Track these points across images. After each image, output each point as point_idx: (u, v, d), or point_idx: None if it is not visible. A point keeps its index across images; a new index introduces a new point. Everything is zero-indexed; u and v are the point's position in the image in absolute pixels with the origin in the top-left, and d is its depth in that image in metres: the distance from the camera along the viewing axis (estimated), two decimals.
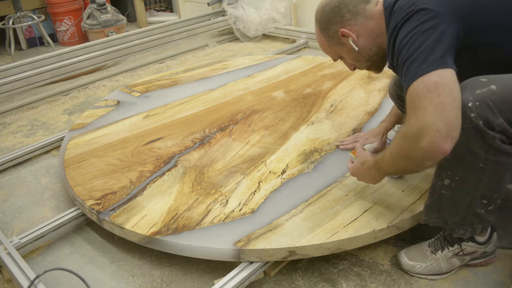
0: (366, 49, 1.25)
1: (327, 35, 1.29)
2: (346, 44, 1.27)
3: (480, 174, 1.04)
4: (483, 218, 1.12)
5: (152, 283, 1.32)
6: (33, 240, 1.46)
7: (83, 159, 1.79)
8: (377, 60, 1.28)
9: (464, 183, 1.08)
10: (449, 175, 1.08)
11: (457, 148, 0.98)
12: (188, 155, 1.76)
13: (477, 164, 1.03)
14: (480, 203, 1.09)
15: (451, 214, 1.14)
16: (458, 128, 0.93)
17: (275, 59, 2.83)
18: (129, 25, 4.59)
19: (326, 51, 1.36)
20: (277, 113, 2.07)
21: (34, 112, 2.63)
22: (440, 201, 1.15)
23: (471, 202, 1.09)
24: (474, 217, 1.12)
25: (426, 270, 1.25)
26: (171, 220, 1.38)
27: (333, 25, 1.25)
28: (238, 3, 3.78)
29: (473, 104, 0.97)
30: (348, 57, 1.31)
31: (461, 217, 1.13)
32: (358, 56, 1.28)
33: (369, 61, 1.28)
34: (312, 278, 1.29)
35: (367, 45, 1.25)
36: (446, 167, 1.08)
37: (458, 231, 1.15)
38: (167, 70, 3.12)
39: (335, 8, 1.24)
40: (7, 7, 3.91)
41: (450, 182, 1.09)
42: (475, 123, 0.98)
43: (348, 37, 1.24)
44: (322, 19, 1.28)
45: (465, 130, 0.98)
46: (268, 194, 1.48)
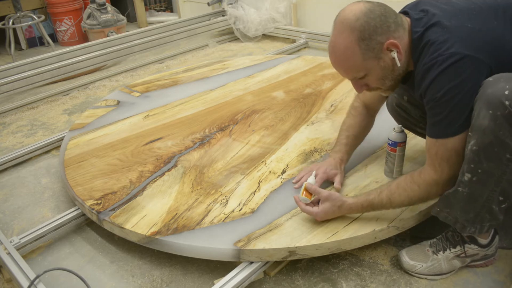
0: (402, 66, 1.15)
1: (366, 47, 1.09)
2: (384, 59, 1.12)
3: (505, 166, 1.03)
4: (495, 215, 1.11)
5: (152, 283, 1.32)
6: (33, 240, 1.46)
7: (83, 159, 1.79)
8: (400, 80, 1.20)
9: (486, 176, 1.06)
10: (472, 168, 1.06)
11: (486, 137, 1.00)
12: (188, 155, 1.76)
13: (504, 155, 1.01)
14: (497, 199, 1.09)
15: (465, 211, 1.13)
16: None
17: (275, 59, 2.83)
18: (129, 25, 4.58)
19: (353, 68, 1.14)
20: (277, 113, 2.07)
21: (34, 112, 2.63)
22: (455, 197, 1.13)
23: (490, 197, 1.08)
24: (487, 213, 1.11)
25: (427, 270, 1.25)
26: (171, 220, 1.38)
27: (379, 35, 1.08)
28: (238, 3, 3.78)
29: (509, 92, 0.97)
30: (377, 75, 1.15)
31: (475, 214, 1.12)
32: (389, 74, 1.15)
33: (395, 80, 1.18)
34: (312, 278, 1.29)
35: (405, 62, 1.14)
36: (471, 159, 1.06)
37: (469, 229, 1.15)
38: (167, 70, 3.12)
39: (381, 16, 1.09)
40: (7, 7, 3.91)
41: (472, 176, 1.07)
42: (509, 110, 0.97)
43: (393, 51, 1.11)
44: (366, 27, 1.08)
45: (497, 117, 0.98)
46: (268, 194, 1.48)
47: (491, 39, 1.05)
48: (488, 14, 1.08)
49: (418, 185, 1.16)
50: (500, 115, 0.98)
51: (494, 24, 1.06)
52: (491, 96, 0.99)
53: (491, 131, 1.00)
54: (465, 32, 1.05)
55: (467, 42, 1.03)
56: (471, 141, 1.04)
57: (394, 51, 1.10)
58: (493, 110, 0.99)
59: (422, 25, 1.10)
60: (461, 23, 1.06)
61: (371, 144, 1.73)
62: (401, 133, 1.43)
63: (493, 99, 0.99)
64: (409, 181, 1.18)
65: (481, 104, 1.02)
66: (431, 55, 1.06)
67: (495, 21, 1.07)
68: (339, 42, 1.12)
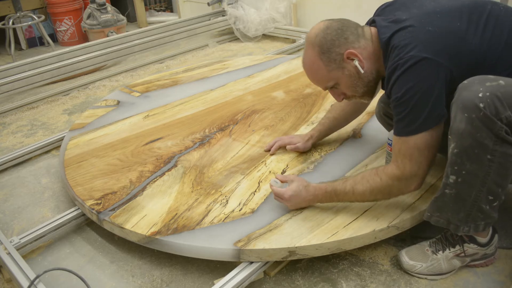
0: (368, 73, 1.23)
1: (328, 59, 1.21)
2: (348, 68, 1.22)
3: (488, 167, 1.04)
4: (487, 214, 1.12)
5: (152, 283, 1.32)
6: (33, 240, 1.46)
7: (83, 159, 1.79)
8: (373, 86, 1.27)
9: (471, 177, 1.07)
10: (456, 170, 1.07)
11: (464, 140, 1.02)
12: (188, 155, 1.76)
13: (485, 156, 1.03)
14: (485, 199, 1.09)
15: (455, 211, 1.13)
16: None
17: (275, 59, 2.83)
18: (129, 25, 4.58)
19: (321, 79, 1.27)
20: (277, 113, 2.07)
21: (34, 112, 2.63)
22: (443, 200, 1.14)
23: (477, 197, 1.09)
24: (478, 212, 1.12)
25: (427, 270, 1.25)
26: (171, 220, 1.38)
27: (336, 47, 1.20)
28: (238, 3, 3.79)
29: (483, 94, 1.00)
30: (345, 83, 1.25)
31: (466, 213, 1.12)
32: (357, 81, 1.24)
33: (367, 86, 1.26)
34: (312, 278, 1.29)
35: (369, 68, 1.22)
36: (454, 161, 1.07)
37: (463, 229, 1.15)
38: (167, 70, 3.12)
39: (338, 30, 1.21)
40: (7, 7, 3.91)
41: (456, 178, 1.08)
42: (483, 112, 0.99)
43: (353, 60, 1.20)
44: (323, 42, 1.21)
45: (473, 120, 1.00)
46: (268, 194, 1.48)
47: (453, 42, 1.09)
48: (453, 17, 1.13)
49: (380, 178, 1.20)
50: (476, 117, 1.00)
51: (457, 26, 1.11)
52: (466, 99, 1.02)
53: (468, 134, 1.02)
54: (427, 35, 1.10)
55: (427, 45, 1.09)
56: (452, 144, 1.07)
57: (355, 59, 1.20)
58: (468, 113, 1.01)
59: (389, 31, 1.16)
60: (425, 26, 1.12)
61: (371, 144, 1.73)
62: None
63: (468, 102, 1.01)
64: (374, 173, 1.22)
65: (457, 108, 1.04)
66: (393, 59, 1.13)
67: (459, 23, 1.11)
68: (306, 58, 1.27)
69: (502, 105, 0.99)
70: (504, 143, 1.01)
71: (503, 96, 0.99)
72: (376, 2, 1.42)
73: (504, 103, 0.99)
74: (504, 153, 1.02)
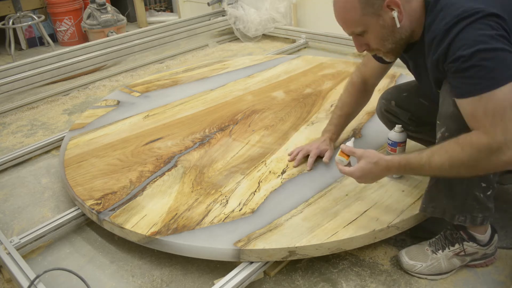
0: (403, 29, 1.11)
1: (366, 1, 1.08)
2: (384, 17, 1.09)
3: None
4: (483, 203, 1.11)
5: (152, 283, 1.32)
6: (33, 240, 1.46)
7: (83, 159, 1.79)
8: (402, 46, 1.16)
9: None
10: None
11: (453, 124, 1.02)
12: (188, 155, 1.76)
13: None
14: (479, 186, 1.09)
15: (450, 198, 1.13)
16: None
17: (275, 59, 2.83)
18: (129, 25, 4.58)
19: (351, 21, 1.13)
20: (277, 113, 2.07)
21: (34, 112, 2.63)
22: (437, 188, 1.14)
23: (470, 183, 1.09)
24: (474, 201, 1.11)
25: (427, 270, 1.25)
26: (171, 220, 1.38)
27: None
28: (238, 3, 3.78)
29: None
30: (376, 33, 1.12)
31: (460, 201, 1.12)
32: (389, 35, 1.12)
33: (396, 44, 1.15)
34: (312, 278, 1.29)
35: (406, 25, 1.11)
36: None
37: (458, 218, 1.15)
38: (167, 70, 3.12)
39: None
40: (7, 7, 3.91)
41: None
42: None
43: (393, 10, 1.08)
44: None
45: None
46: (268, 194, 1.48)
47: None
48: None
49: (461, 147, 0.99)
50: None
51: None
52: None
53: (456, 117, 1.01)
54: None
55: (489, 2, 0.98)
56: (442, 128, 1.05)
57: (395, 10, 1.08)
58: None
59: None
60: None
61: (371, 144, 1.73)
62: (401, 133, 1.43)
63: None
64: (453, 142, 1.02)
65: (445, 93, 1.03)
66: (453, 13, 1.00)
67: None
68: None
69: None
70: None
71: None
72: None
73: None
74: None
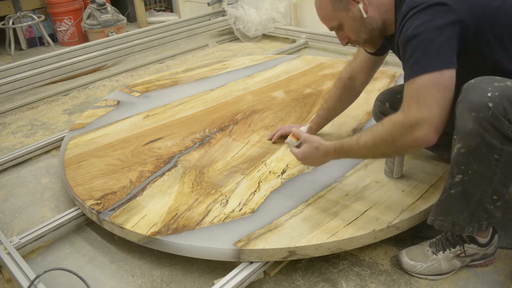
0: (372, 20, 1.21)
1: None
2: (353, 10, 1.20)
3: (494, 167, 1.03)
4: (491, 214, 1.11)
5: (152, 283, 1.32)
6: (33, 240, 1.46)
7: (83, 159, 1.79)
8: (377, 36, 1.26)
9: (477, 177, 1.06)
10: (463, 170, 1.07)
11: (471, 140, 1.01)
12: (188, 155, 1.76)
13: (492, 156, 1.02)
14: (490, 199, 1.09)
15: (460, 211, 1.13)
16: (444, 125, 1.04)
17: (275, 59, 2.83)
18: (129, 25, 4.58)
19: (326, 17, 1.27)
20: (277, 113, 2.07)
21: (34, 112, 2.63)
22: (449, 202, 1.13)
23: (482, 197, 1.09)
24: (482, 212, 1.11)
25: (427, 271, 1.25)
26: (171, 220, 1.38)
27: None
28: (238, 3, 3.78)
29: (492, 94, 0.99)
30: (349, 26, 1.24)
31: (470, 212, 1.12)
32: (361, 26, 1.22)
33: (370, 34, 1.24)
34: (312, 278, 1.29)
35: (374, 15, 1.21)
36: (460, 161, 1.06)
37: (468, 229, 1.14)
38: (167, 70, 3.12)
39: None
40: (7, 7, 3.91)
41: (463, 176, 1.07)
42: (492, 111, 0.98)
43: (359, 3, 1.19)
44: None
45: (481, 119, 0.99)
46: (268, 194, 1.48)
47: (479, 6, 1.06)
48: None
49: (382, 124, 1.11)
50: (483, 116, 0.99)
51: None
52: (474, 98, 1.01)
53: (476, 133, 1.01)
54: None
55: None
56: (458, 144, 1.05)
57: (360, 3, 1.19)
58: (476, 113, 1.00)
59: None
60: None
61: None
62: None
63: (476, 101, 1.00)
64: (379, 122, 1.14)
65: (464, 107, 1.03)
66: (409, 4, 1.09)
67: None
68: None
69: (510, 106, 0.98)
70: (511, 143, 1.01)
71: (511, 96, 0.98)
72: None
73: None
74: (511, 152, 1.02)
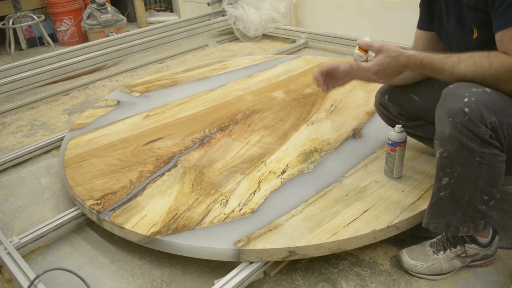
0: None
1: None
2: None
3: (478, 169, 1.05)
4: (485, 214, 1.12)
5: (152, 283, 1.32)
6: (33, 240, 1.46)
7: (83, 159, 1.79)
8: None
9: (463, 180, 1.08)
10: (448, 172, 1.09)
11: (451, 145, 1.03)
12: (188, 155, 1.76)
13: (473, 158, 1.04)
14: (480, 199, 1.09)
15: (452, 212, 1.13)
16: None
17: (275, 59, 2.83)
18: (129, 25, 4.58)
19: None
20: (277, 113, 2.07)
21: (34, 112, 2.63)
22: (439, 205, 1.15)
23: (471, 198, 1.10)
24: (475, 212, 1.12)
25: (427, 270, 1.25)
26: (171, 220, 1.38)
27: None
28: (238, 3, 3.78)
29: (468, 99, 1.00)
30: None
31: (462, 213, 1.13)
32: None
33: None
34: (312, 278, 1.29)
35: None
36: (444, 165, 1.08)
37: (462, 229, 1.15)
38: (167, 70, 3.12)
39: None
40: (7, 7, 3.91)
41: (450, 179, 1.09)
42: (468, 116, 1.00)
43: None
44: None
45: (457, 124, 1.01)
46: (268, 194, 1.48)
47: None
48: None
49: (490, 63, 1.03)
50: (460, 122, 1.01)
51: None
52: (451, 104, 1.02)
53: (454, 138, 1.03)
54: None
55: None
56: (440, 148, 1.07)
57: None
58: (452, 118, 1.02)
59: None
60: None
61: (371, 144, 1.73)
62: (401, 133, 1.43)
63: (453, 106, 1.02)
64: (484, 56, 1.04)
65: (442, 113, 1.04)
66: None
67: None
68: None
69: (487, 111, 1.00)
70: (491, 146, 1.02)
71: (488, 102, 1.00)
72: (376, 2, 1.41)
73: (489, 109, 1.00)
74: (492, 154, 1.03)
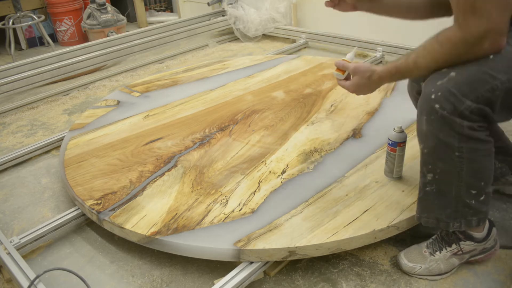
0: None
1: None
2: None
3: (459, 163, 1.05)
4: (476, 209, 1.12)
5: (152, 283, 1.32)
6: (33, 240, 1.46)
7: (83, 159, 1.79)
8: None
9: (446, 174, 1.08)
10: (430, 169, 1.09)
11: (429, 142, 1.04)
12: (188, 155, 1.76)
13: (453, 153, 1.03)
14: (468, 193, 1.09)
15: (441, 207, 1.14)
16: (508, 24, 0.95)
17: (275, 59, 2.83)
18: (129, 25, 4.58)
19: None
20: (277, 113, 2.07)
21: (34, 112, 2.63)
22: (426, 199, 1.15)
23: (458, 192, 1.10)
24: (465, 208, 1.12)
25: (426, 271, 1.25)
26: (171, 220, 1.38)
27: None
28: (238, 3, 3.78)
29: (435, 95, 1.00)
30: None
31: (452, 209, 1.13)
32: None
33: None
34: (312, 278, 1.29)
35: None
36: (427, 161, 1.09)
37: (453, 225, 1.15)
38: (167, 70, 3.12)
39: None
40: (7, 7, 3.91)
41: (434, 175, 1.10)
42: (440, 113, 1.00)
43: None
44: None
45: (432, 122, 1.01)
46: (268, 194, 1.48)
47: None
48: None
49: (440, 45, 1.01)
50: (434, 119, 1.01)
51: None
52: (422, 101, 1.03)
53: (431, 135, 1.03)
54: None
55: None
56: (420, 145, 1.08)
57: None
58: (427, 115, 1.02)
59: None
60: None
61: (371, 144, 1.73)
62: (401, 133, 1.43)
63: (424, 104, 1.02)
64: (434, 41, 1.03)
65: (418, 110, 1.05)
66: None
67: None
68: None
69: (458, 100, 0.98)
70: (470, 139, 1.01)
71: (456, 89, 0.98)
72: None
73: (459, 96, 0.97)
74: (471, 148, 1.03)
